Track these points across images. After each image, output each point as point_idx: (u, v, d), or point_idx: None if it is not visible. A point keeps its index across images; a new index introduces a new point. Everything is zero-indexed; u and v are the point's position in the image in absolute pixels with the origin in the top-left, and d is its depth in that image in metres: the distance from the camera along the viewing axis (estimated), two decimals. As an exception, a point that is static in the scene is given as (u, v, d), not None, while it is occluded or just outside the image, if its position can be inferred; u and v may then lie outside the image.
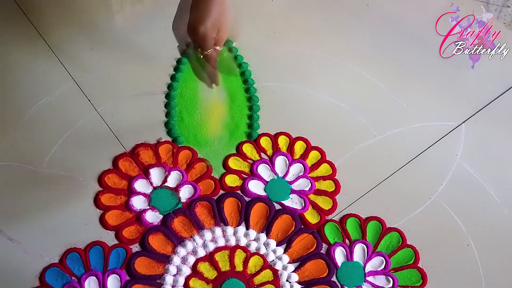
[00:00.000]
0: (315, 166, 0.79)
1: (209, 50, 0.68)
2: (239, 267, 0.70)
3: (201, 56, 0.69)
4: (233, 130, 0.81)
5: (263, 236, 0.72)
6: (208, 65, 0.70)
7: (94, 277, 0.67)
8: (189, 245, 0.70)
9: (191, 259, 0.70)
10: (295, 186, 0.77)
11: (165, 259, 0.69)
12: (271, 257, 0.71)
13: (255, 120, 0.81)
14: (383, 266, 0.71)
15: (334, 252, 0.72)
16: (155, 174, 0.75)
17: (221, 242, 0.71)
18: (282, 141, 0.80)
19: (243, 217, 0.73)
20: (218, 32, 0.67)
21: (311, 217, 0.74)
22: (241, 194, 0.75)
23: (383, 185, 0.78)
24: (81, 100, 0.80)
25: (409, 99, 0.86)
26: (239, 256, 0.71)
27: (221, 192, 0.75)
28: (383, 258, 0.72)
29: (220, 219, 0.73)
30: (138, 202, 0.73)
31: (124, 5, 0.90)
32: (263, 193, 0.76)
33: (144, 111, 0.81)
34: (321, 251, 0.72)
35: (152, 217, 0.72)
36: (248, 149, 0.79)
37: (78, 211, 0.71)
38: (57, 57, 0.83)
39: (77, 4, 0.89)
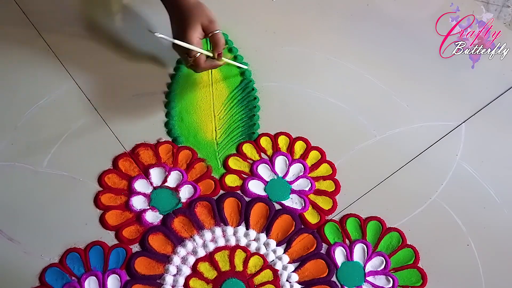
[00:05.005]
0: (315, 166, 0.79)
1: (195, 55, 0.73)
2: (239, 267, 0.70)
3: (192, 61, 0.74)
4: (233, 129, 0.81)
5: (263, 236, 0.72)
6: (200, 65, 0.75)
7: (94, 277, 0.67)
8: (189, 245, 0.70)
9: (191, 259, 0.70)
10: (295, 186, 0.77)
11: (165, 259, 0.69)
12: (271, 257, 0.71)
13: (255, 120, 0.81)
14: (383, 266, 0.71)
15: (334, 252, 0.72)
16: (155, 174, 0.75)
17: (221, 242, 0.71)
18: (282, 141, 0.80)
19: (243, 217, 0.73)
20: (202, 24, 0.73)
21: (311, 217, 0.74)
22: (241, 194, 0.75)
23: (383, 185, 0.78)
24: (81, 100, 0.80)
25: (409, 99, 0.86)
26: (239, 256, 0.71)
27: (221, 192, 0.75)
28: (383, 258, 0.72)
29: (220, 219, 0.73)
30: (138, 202, 0.73)
31: (124, 5, 0.90)
32: (263, 193, 0.76)
33: (144, 111, 0.80)
34: (321, 251, 0.72)
35: (152, 217, 0.72)
36: (248, 149, 0.79)
37: (78, 211, 0.71)
38: (57, 57, 0.83)
39: (77, 4, 0.89)
